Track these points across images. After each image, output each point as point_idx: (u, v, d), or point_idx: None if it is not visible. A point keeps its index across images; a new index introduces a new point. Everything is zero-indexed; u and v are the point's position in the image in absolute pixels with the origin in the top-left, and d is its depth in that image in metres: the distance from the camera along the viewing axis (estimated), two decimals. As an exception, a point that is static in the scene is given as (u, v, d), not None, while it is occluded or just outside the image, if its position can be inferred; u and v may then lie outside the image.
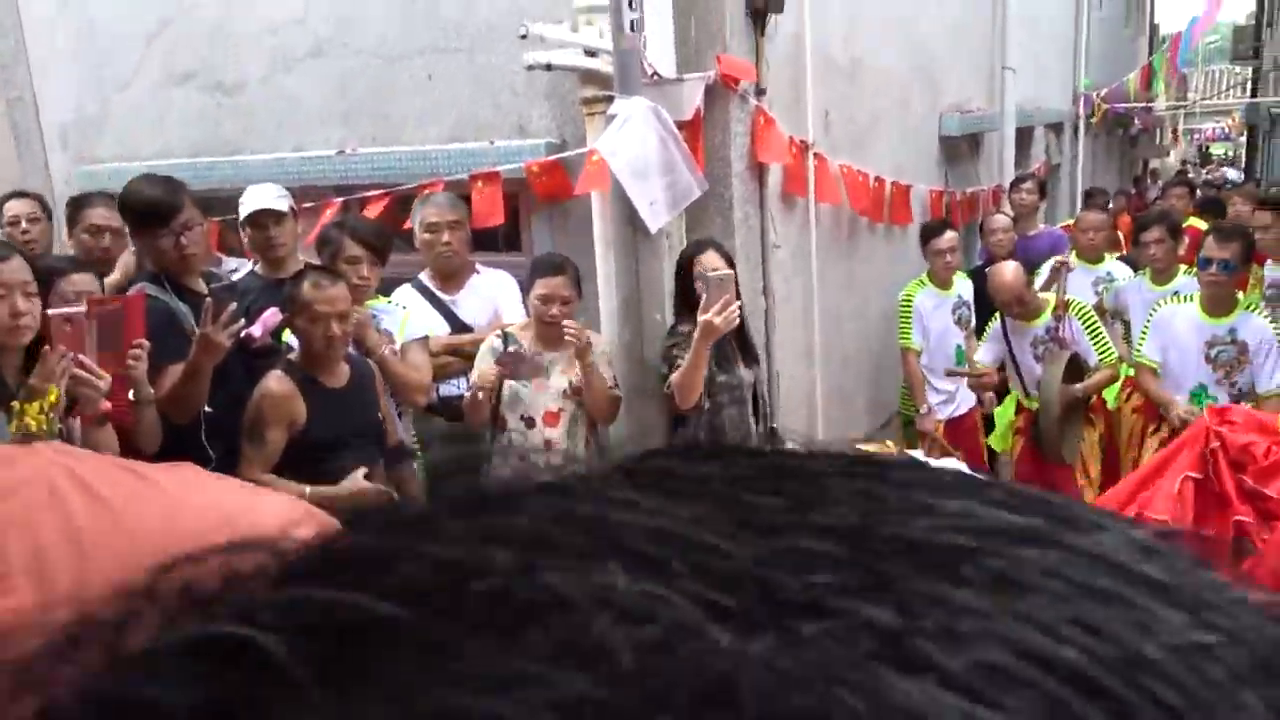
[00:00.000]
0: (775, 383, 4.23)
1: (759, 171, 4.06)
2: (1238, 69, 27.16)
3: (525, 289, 3.68)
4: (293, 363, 3.19)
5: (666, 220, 3.42)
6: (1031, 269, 4.87)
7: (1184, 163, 24.86)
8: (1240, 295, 4.44)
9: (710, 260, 3.49)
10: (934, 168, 6.52)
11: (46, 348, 2.45)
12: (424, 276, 4.04)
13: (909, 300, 5.08)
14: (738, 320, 3.32)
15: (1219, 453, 2.86)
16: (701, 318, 3.22)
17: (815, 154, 4.41)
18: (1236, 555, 2.78)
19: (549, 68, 3.61)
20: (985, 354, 4.72)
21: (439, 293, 4.01)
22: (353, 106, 4.60)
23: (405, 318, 3.78)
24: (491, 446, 3.70)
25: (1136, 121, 15.35)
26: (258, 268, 3.64)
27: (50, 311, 2.54)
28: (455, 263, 3.98)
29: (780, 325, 4.18)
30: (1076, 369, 4.47)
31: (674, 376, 3.36)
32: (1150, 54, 18.39)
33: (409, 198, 4.13)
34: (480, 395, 3.55)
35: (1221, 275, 4.13)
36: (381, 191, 4.28)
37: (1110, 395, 5.00)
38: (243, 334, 3.25)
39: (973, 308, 4.96)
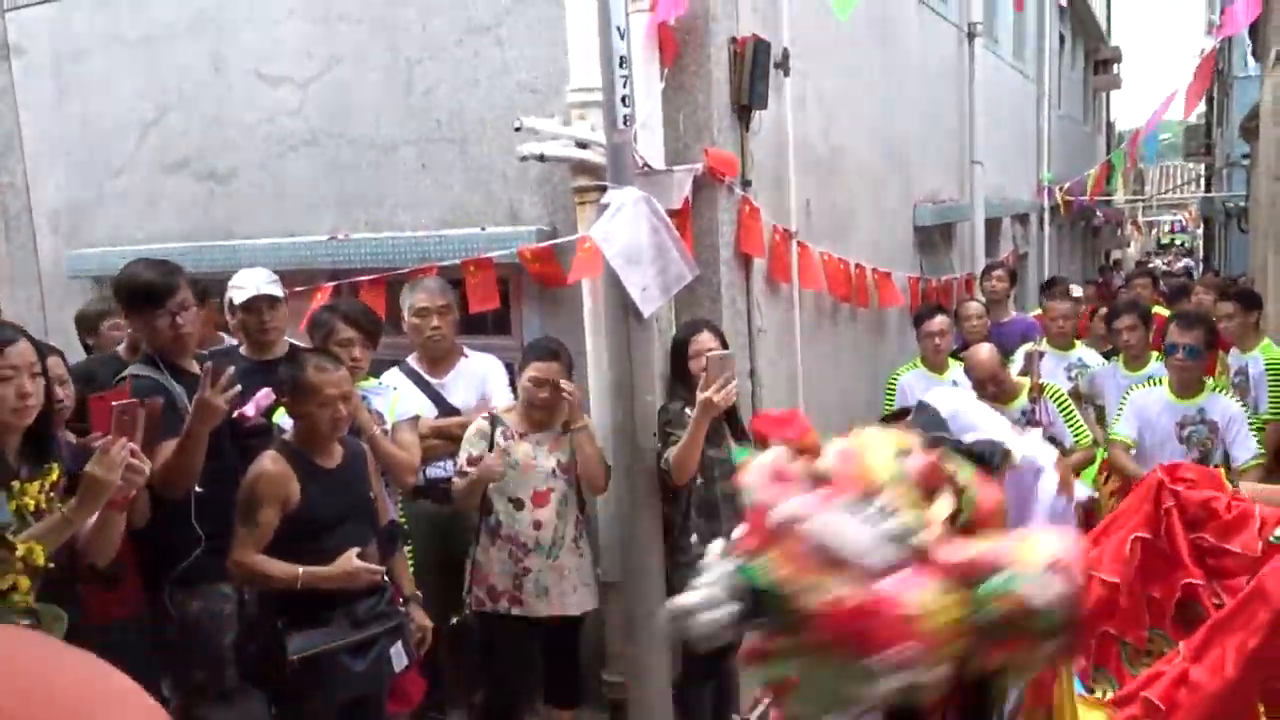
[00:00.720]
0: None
1: (745, 258, 4.17)
2: (1190, 165, 28.19)
3: (517, 371, 3.74)
4: (287, 443, 3.20)
5: (659, 305, 3.51)
6: (1005, 354, 4.99)
7: (1146, 253, 25.58)
8: (1209, 379, 4.58)
9: (706, 340, 3.58)
10: (910, 256, 6.71)
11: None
12: (412, 360, 4.09)
13: (895, 380, 5.21)
14: (735, 398, 3.43)
15: (1173, 511, 2.84)
16: (701, 395, 3.31)
17: (798, 242, 4.55)
18: (1185, 619, 2.75)
19: (542, 158, 3.73)
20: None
21: (427, 376, 4.05)
22: (346, 193, 4.70)
23: (395, 399, 3.81)
24: (481, 527, 3.71)
25: (1099, 214, 15.86)
26: (243, 349, 3.68)
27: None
28: (444, 347, 4.04)
29: (766, 407, 4.24)
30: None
31: (672, 453, 3.41)
32: (1108, 150, 19.12)
33: (400, 282, 4.20)
34: (468, 481, 3.57)
35: (1187, 360, 4.28)
36: (374, 276, 4.35)
37: (1088, 478, 5.09)
38: (235, 414, 3.27)
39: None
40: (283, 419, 3.37)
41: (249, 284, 3.61)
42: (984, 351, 4.59)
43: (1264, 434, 4.68)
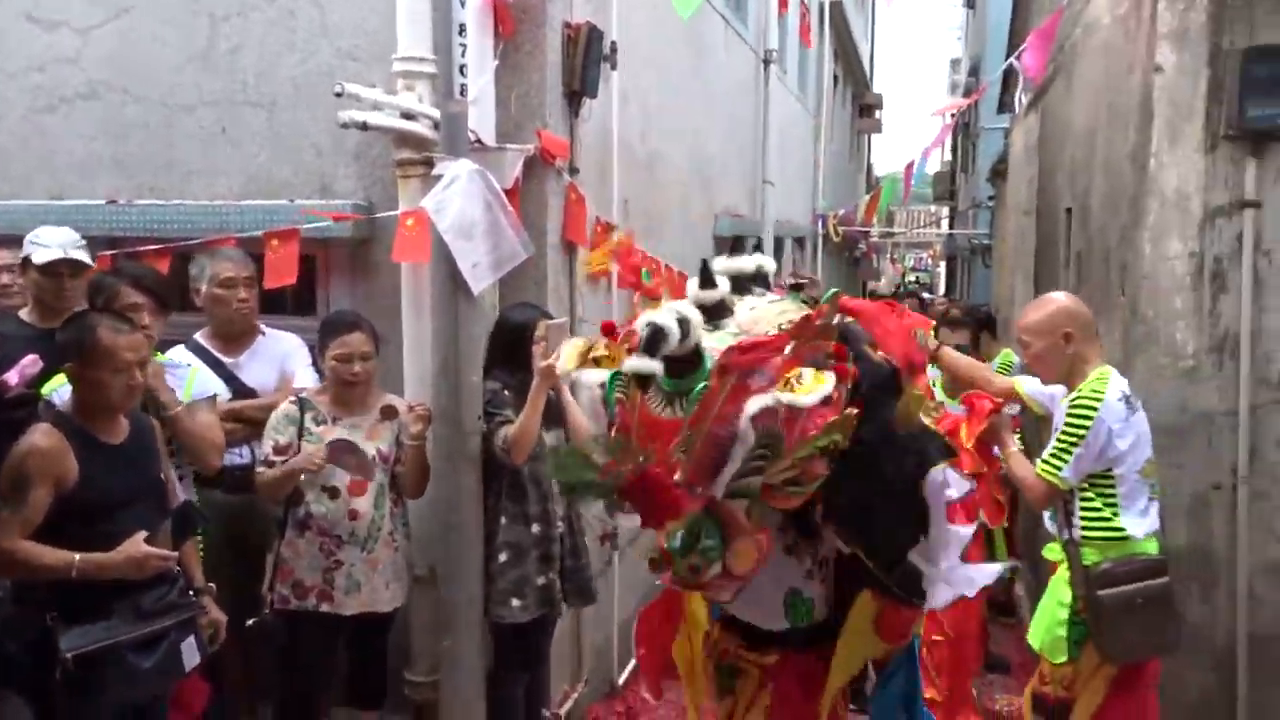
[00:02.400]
0: (576, 458, 4.25)
1: (569, 246, 4.14)
2: (933, 208, 31.04)
3: (318, 352, 3.51)
4: (63, 415, 2.84)
5: (490, 282, 3.41)
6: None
7: (896, 285, 27.79)
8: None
9: (544, 329, 3.51)
10: (709, 265, 6.92)
11: None
12: (201, 337, 3.75)
13: None
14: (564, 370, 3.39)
15: None
16: (541, 364, 3.25)
17: (619, 238, 4.57)
18: None
19: (365, 127, 3.54)
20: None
21: (219, 354, 3.73)
22: (129, 155, 4.27)
23: (192, 375, 3.49)
24: (287, 519, 3.45)
25: (862, 245, 17.10)
26: (25, 313, 3.25)
27: None
28: (247, 323, 3.74)
29: (582, 401, 4.21)
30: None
31: (512, 430, 3.31)
32: (868, 189, 20.71)
33: (188, 256, 3.85)
34: (283, 471, 3.32)
35: None
36: (161, 246, 3.96)
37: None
38: None
39: None
40: (58, 392, 2.99)
41: (53, 243, 3.25)
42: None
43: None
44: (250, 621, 3.37)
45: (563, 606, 3.65)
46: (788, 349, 2.06)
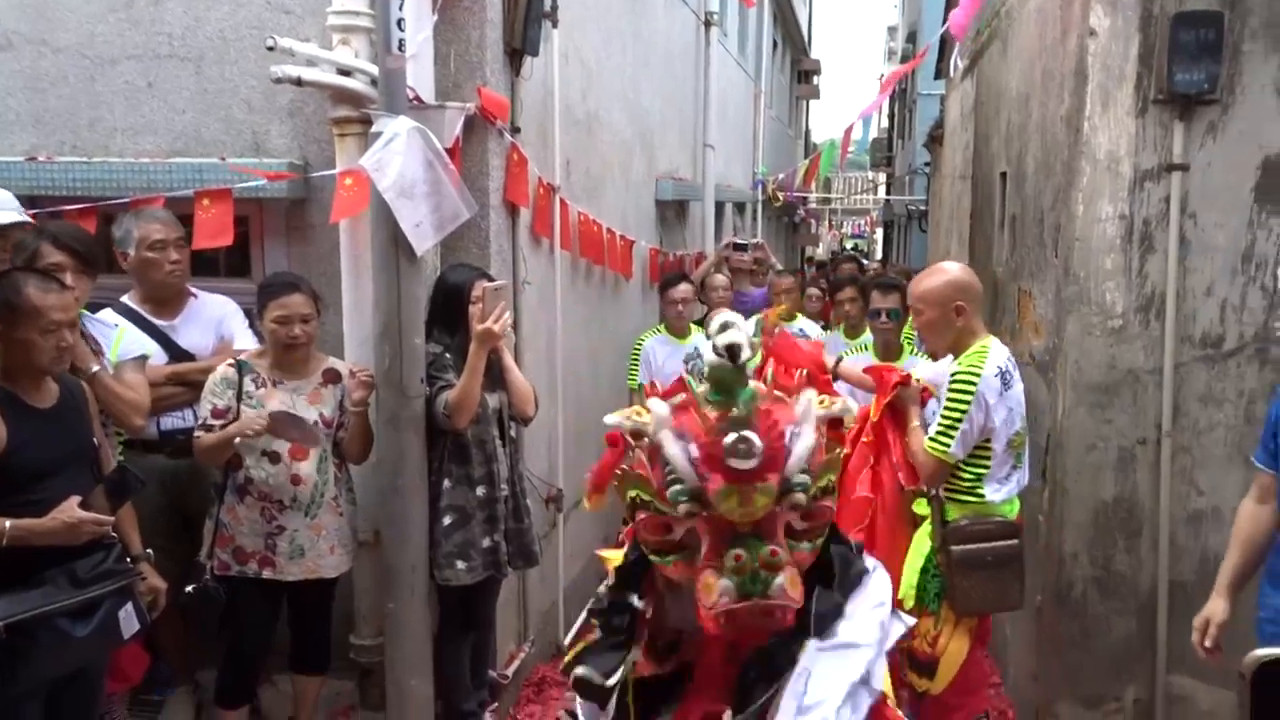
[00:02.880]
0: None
1: (511, 208, 4.09)
2: (870, 175, 31.33)
3: (257, 314, 3.44)
4: None
5: (433, 242, 3.36)
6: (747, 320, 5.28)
7: (832, 253, 28.09)
8: (907, 344, 4.99)
9: (482, 290, 3.47)
10: (652, 228, 6.91)
11: None
12: (130, 299, 3.65)
13: (640, 344, 5.39)
14: (509, 331, 3.38)
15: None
16: (480, 327, 3.23)
17: (560, 198, 4.53)
18: None
19: (299, 82, 3.44)
20: None
21: (152, 318, 3.63)
22: (48, 110, 4.09)
23: (120, 335, 3.40)
24: (226, 484, 3.38)
25: (801, 211, 17.22)
26: None
27: None
28: (178, 286, 3.65)
29: (527, 363, 4.20)
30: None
31: (451, 394, 3.29)
32: (805, 155, 20.81)
33: (112, 216, 3.72)
34: (221, 436, 3.25)
35: (889, 323, 4.70)
36: (85, 205, 3.81)
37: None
38: None
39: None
40: None
41: (4, 205, 3.19)
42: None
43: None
44: (189, 588, 3.31)
45: (508, 569, 3.66)
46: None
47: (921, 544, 3.28)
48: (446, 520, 3.46)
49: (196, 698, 3.83)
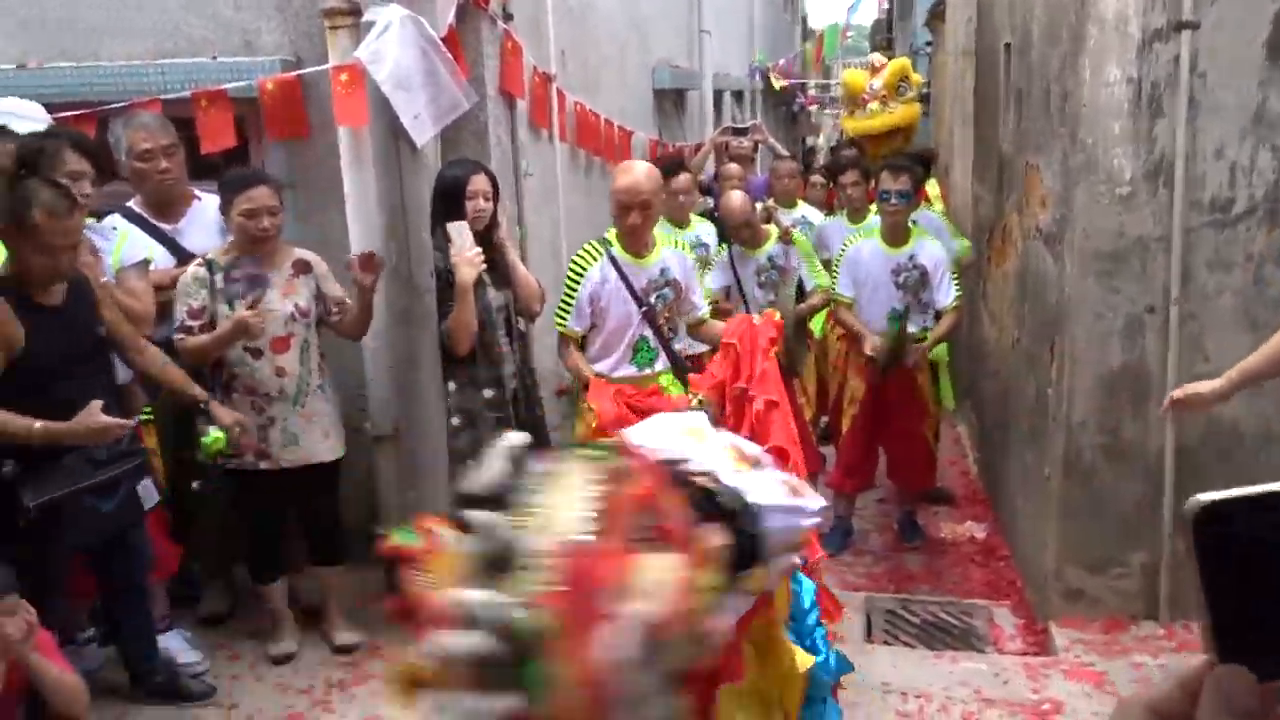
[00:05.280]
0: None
1: (509, 98, 4.03)
2: (869, 60, 30.51)
3: (222, 210, 3.41)
4: (2, 276, 2.77)
5: (433, 134, 3.33)
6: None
7: (834, 144, 27.65)
8: (914, 226, 4.93)
9: (481, 183, 3.45)
10: (649, 119, 6.81)
11: None
12: (136, 205, 3.64)
13: (671, 238, 5.31)
14: (483, 264, 3.37)
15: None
16: (455, 259, 3.28)
17: (557, 89, 4.46)
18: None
19: (286, -27, 3.37)
20: (713, 281, 4.99)
21: (157, 222, 3.62)
22: (33, 16, 4.00)
23: (122, 240, 3.40)
24: (211, 384, 3.42)
25: (800, 99, 16.85)
26: None
27: None
28: (175, 191, 3.63)
29: (532, 255, 4.20)
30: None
31: (448, 322, 3.33)
32: (803, 42, 20.27)
33: (106, 121, 3.68)
34: (213, 338, 3.29)
35: (899, 204, 4.62)
36: (81, 111, 3.76)
37: (817, 325, 5.51)
38: None
39: (710, 248, 5.21)
40: None
41: (28, 114, 3.27)
42: (736, 199, 4.79)
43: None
44: (195, 485, 3.37)
45: None
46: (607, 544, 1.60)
47: None
48: (455, 422, 3.51)
49: (233, 588, 3.96)
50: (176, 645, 3.50)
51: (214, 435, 3.17)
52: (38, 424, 2.66)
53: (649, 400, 3.39)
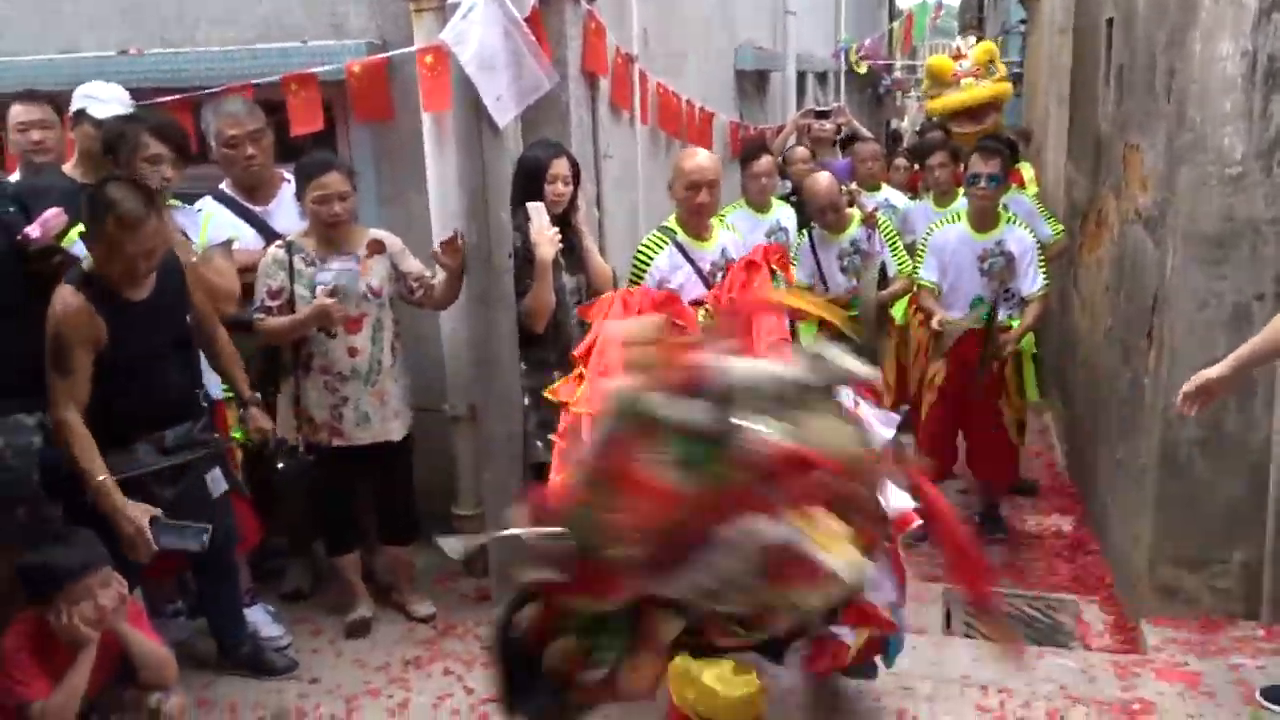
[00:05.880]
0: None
1: (591, 78, 4.02)
2: (957, 42, 29.71)
3: (297, 196, 3.47)
4: (86, 274, 2.85)
5: (515, 114, 3.33)
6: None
7: (919, 128, 27.04)
8: (1004, 212, 4.77)
9: (563, 167, 3.46)
10: (731, 100, 6.72)
11: None
12: (227, 187, 3.73)
13: (722, 218, 5.25)
14: (560, 245, 3.39)
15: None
16: (534, 239, 3.31)
17: (640, 69, 4.43)
18: None
19: (373, -43, 3.40)
20: (796, 271, 4.93)
21: (247, 203, 3.71)
22: (134, 4, 4.13)
23: (206, 219, 3.49)
24: (294, 362, 3.49)
25: (886, 81, 16.50)
26: (68, 167, 3.27)
27: None
28: (262, 176, 3.70)
29: (609, 238, 4.19)
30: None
31: (526, 300, 3.37)
32: (890, 22, 19.80)
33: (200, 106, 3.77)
34: (294, 321, 3.36)
35: (989, 189, 4.48)
36: (179, 97, 3.87)
37: (899, 312, 5.38)
38: (19, 235, 2.89)
39: (790, 233, 5.12)
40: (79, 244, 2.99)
41: (110, 98, 3.31)
42: (823, 181, 4.70)
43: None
44: (280, 464, 3.44)
45: None
46: (826, 477, 1.74)
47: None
48: (525, 401, 3.52)
49: (315, 564, 4.05)
50: (261, 619, 3.60)
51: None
52: (102, 476, 2.79)
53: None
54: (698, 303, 3.30)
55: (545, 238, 3.31)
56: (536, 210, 3.37)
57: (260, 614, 3.63)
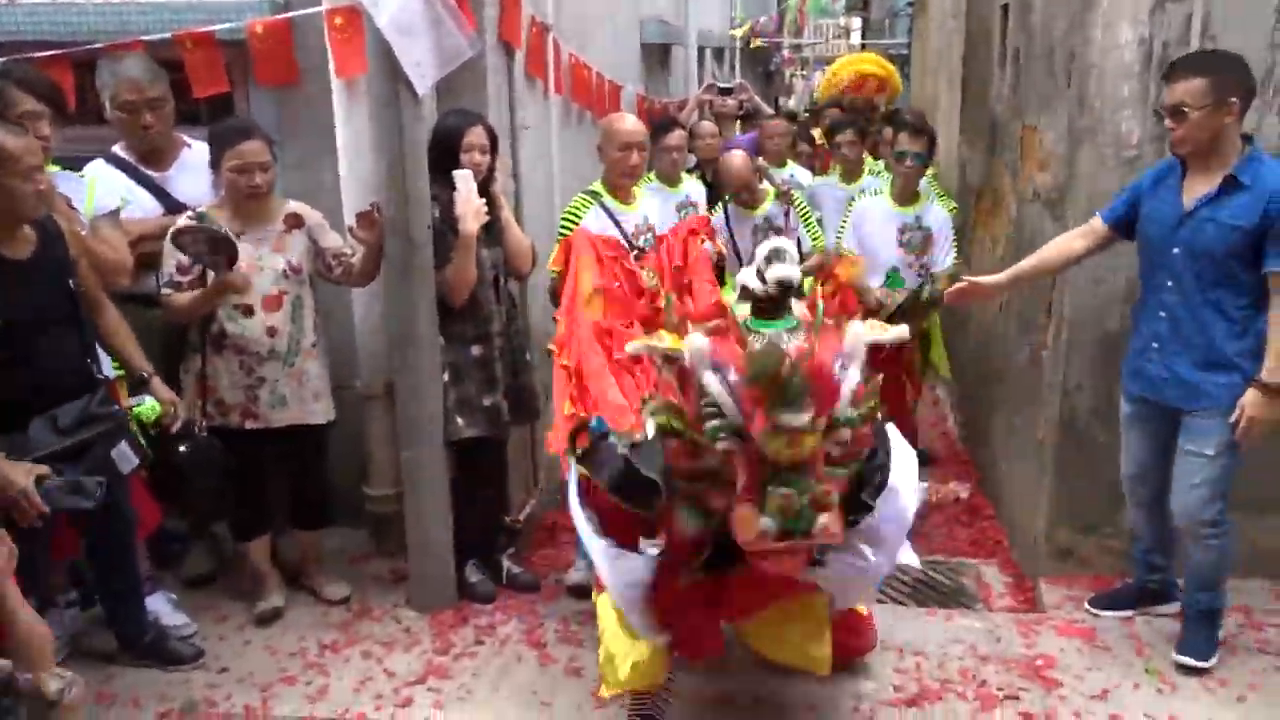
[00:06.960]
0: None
1: (507, 48, 3.93)
2: (842, 21, 30.26)
3: (211, 163, 3.31)
4: None
5: (434, 81, 3.22)
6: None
7: (806, 108, 27.50)
8: (923, 188, 4.92)
9: (479, 136, 3.37)
10: (637, 74, 6.70)
11: None
12: (121, 150, 3.51)
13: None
14: (487, 216, 3.32)
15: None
16: (459, 211, 3.23)
17: (554, 38, 4.35)
18: None
19: (279, -90, 3.23)
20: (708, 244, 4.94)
21: (144, 168, 3.50)
22: (6, -51, 3.81)
23: (91, 185, 3.26)
24: (201, 340, 3.32)
25: (778, 58, 16.74)
26: None
27: None
28: (160, 143, 3.50)
29: (527, 210, 4.12)
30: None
31: (447, 273, 3.29)
32: (780, 1, 20.06)
33: (89, 62, 3.52)
34: (203, 294, 3.19)
35: (915, 165, 4.63)
36: (58, 51, 3.60)
37: (806, 283, 5.47)
38: None
39: (700, 207, 5.13)
40: None
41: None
42: (737, 159, 4.72)
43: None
44: (182, 447, 3.27)
45: (509, 430, 3.69)
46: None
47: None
48: (444, 377, 3.45)
49: (218, 547, 3.88)
50: (162, 607, 3.43)
51: (150, 405, 3.13)
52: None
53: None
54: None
55: (472, 209, 3.22)
56: (464, 179, 3.27)
57: (161, 602, 3.46)
